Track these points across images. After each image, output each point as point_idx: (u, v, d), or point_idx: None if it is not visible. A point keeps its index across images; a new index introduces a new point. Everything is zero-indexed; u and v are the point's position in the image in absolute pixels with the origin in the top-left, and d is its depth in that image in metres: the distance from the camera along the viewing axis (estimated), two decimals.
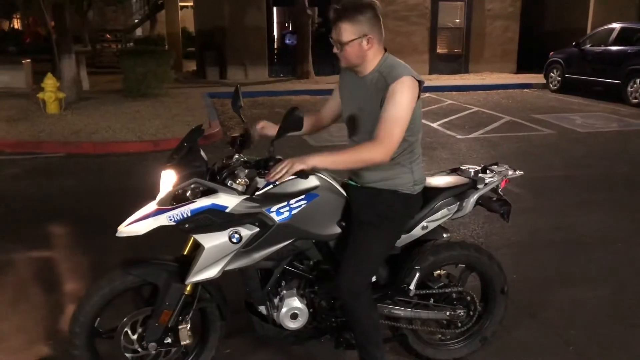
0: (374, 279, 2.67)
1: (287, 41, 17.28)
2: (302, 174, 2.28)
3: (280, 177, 2.25)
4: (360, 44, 2.38)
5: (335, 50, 2.47)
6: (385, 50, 2.50)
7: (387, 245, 2.57)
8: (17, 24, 37.38)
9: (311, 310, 2.68)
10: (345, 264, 2.48)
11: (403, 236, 2.65)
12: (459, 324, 2.89)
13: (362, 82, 2.48)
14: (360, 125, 2.52)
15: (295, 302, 2.61)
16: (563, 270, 4.12)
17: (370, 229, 2.47)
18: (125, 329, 2.55)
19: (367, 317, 2.52)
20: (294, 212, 2.47)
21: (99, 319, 2.52)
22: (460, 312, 2.84)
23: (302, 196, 2.48)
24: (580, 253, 4.45)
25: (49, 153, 7.51)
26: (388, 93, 2.33)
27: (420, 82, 2.41)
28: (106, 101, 11.23)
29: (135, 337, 2.56)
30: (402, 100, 2.32)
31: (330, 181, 2.56)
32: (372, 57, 2.43)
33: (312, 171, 2.41)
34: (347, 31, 2.36)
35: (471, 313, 2.89)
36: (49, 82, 9.68)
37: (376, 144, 2.32)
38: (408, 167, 2.52)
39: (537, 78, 15.35)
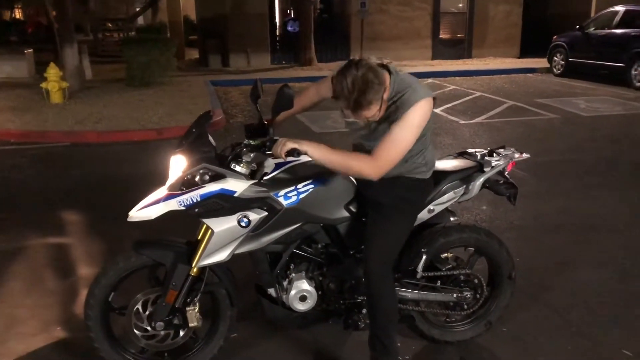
0: None
1: (289, 28, 17.22)
2: (294, 152, 2.27)
3: (280, 151, 2.26)
4: (381, 103, 2.28)
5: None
6: (386, 66, 2.38)
7: (408, 227, 2.61)
8: (18, 14, 37.25)
9: (320, 292, 2.73)
10: (369, 246, 2.52)
11: None
12: (465, 306, 2.92)
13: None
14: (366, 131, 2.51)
15: (304, 285, 2.65)
16: (566, 254, 4.15)
17: (391, 213, 2.49)
18: (137, 306, 2.62)
19: (392, 298, 2.57)
20: (301, 196, 2.50)
21: (113, 293, 2.60)
22: (467, 294, 2.88)
23: (310, 180, 2.51)
24: (583, 236, 4.47)
25: (54, 142, 7.55)
26: (400, 117, 2.30)
27: (433, 98, 2.38)
28: (109, 90, 11.24)
29: (145, 314, 2.62)
30: (412, 124, 2.30)
31: None
32: (387, 97, 2.34)
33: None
34: (370, 112, 2.26)
35: (478, 296, 2.92)
36: (52, 71, 9.69)
37: (372, 161, 2.30)
38: (421, 159, 2.52)
39: (541, 62, 15.29)
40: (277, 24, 17.94)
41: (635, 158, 6.74)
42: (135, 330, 2.65)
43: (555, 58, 14.45)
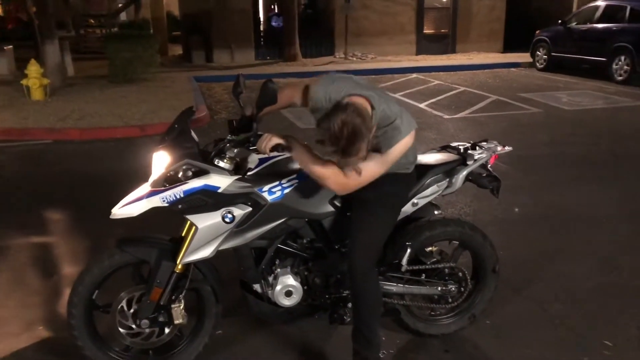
0: None
1: (273, 23, 17.15)
2: (279, 148, 2.27)
3: (264, 146, 2.25)
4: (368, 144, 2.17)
5: None
6: (371, 104, 2.28)
7: (391, 222, 2.61)
8: None
9: (305, 287, 2.73)
10: (353, 242, 2.52)
11: None
12: (450, 300, 2.94)
13: None
14: None
15: (289, 280, 2.65)
16: (549, 246, 4.19)
17: (374, 208, 2.50)
18: (121, 304, 2.60)
19: (376, 293, 2.58)
20: (286, 191, 2.49)
21: (97, 291, 2.58)
22: (451, 288, 2.90)
23: (294, 175, 2.51)
24: (566, 229, 4.52)
25: (36, 140, 7.45)
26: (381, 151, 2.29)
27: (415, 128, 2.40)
28: (92, 87, 11.12)
29: (130, 312, 2.60)
30: (390, 160, 2.33)
31: None
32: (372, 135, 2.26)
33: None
34: (358, 157, 2.14)
35: (462, 289, 2.94)
36: (33, 68, 9.55)
37: (343, 179, 2.27)
38: (403, 161, 2.50)
39: (524, 57, 15.39)
40: (261, 20, 17.86)
41: (616, 151, 6.82)
42: (119, 329, 2.63)
43: (538, 52, 14.56)
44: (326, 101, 2.35)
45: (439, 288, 2.89)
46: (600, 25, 12.65)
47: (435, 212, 2.88)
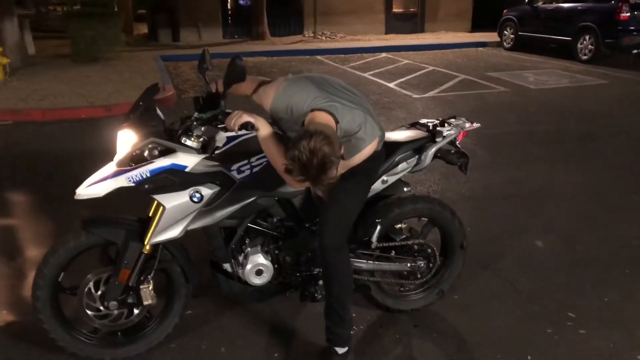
0: None
1: (241, 2, 16.86)
2: (248, 126, 2.23)
3: (233, 124, 2.21)
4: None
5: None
6: (335, 118, 2.25)
7: (361, 200, 2.61)
8: None
9: (276, 266, 2.72)
10: (323, 220, 2.51)
11: None
12: (419, 275, 2.98)
13: None
14: None
15: (259, 259, 2.64)
16: (515, 223, 4.27)
17: (344, 186, 2.48)
18: (89, 286, 2.56)
19: (347, 270, 2.58)
20: (255, 170, 2.47)
21: (63, 273, 2.53)
22: (420, 264, 2.93)
23: (263, 154, 2.48)
24: (532, 206, 4.61)
25: None
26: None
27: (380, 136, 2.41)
28: (54, 66, 10.80)
29: (97, 294, 2.57)
30: (350, 165, 2.35)
31: None
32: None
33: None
34: (329, 179, 2.10)
35: (431, 265, 2.98)
36: None
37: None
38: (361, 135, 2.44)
39: (492, 36, 15.51)
40: None
41: (581, 129, 6.96)
42: (87, 311, 2.59)
43: (505, 32, 14.69)
44: (287, 113, 2.35)
45: (409, 264, 2.92)
46: (565, 5, 12.82)
47: (405, 190, 2.89)
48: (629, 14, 11.36)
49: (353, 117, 2.30)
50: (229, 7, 17.00)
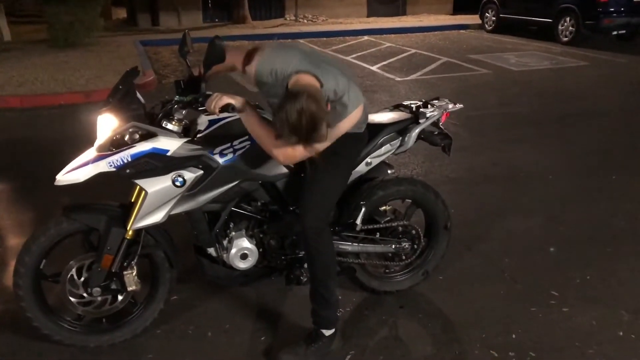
0: None
1: None
2: (229, 108, 2.21)
3: (214, 106, 2.19)
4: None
5: None
6: (318, 79, 2.24)
7: (343, 182, 2.60)
8: None
9: (261, 250, 2.71)
10: (305, 202, 2.49)
11: None
12: (404, 257, 2.99)
13: None
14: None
15: (244, 243, 2.63)
16: (498, 204, 4.30)
17: (326, 168, 2.46)
18: (71, 273, 2.53)
19: (329, 252, 2.58)
20: (237, 153, 2.45)
21: (44, 261, 2.50)
22: (405, 245, 2.94)
23: (246, 137, 2.46)
24: (514, 187, 4.65)
25: None
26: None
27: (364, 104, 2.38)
28: (31, 52, 10.58)
29: (80, 281, 2.54)
30: (336, 135, 2.32)
31: None
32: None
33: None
34: (321, 138, 2.13)
35: (415, 246, 2.99)
36: None
37: (289, 149, 2.21)
38: (345, 100, 2.46)
39: (473, 19, 15.50)
40: None
41: (561, 110, 7.01)
42: (70, 298, 2.56)
43: (486, 14, 14.68)
44: (271, 77, 2.31)
45: (393, 246, 2.93)
46: None
47: (389, 172, 2.89)
48: None
49: (337, 82, 2.28)
50: None
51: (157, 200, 2.36)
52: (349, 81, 2.35)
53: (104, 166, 2.29)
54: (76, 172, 2.30)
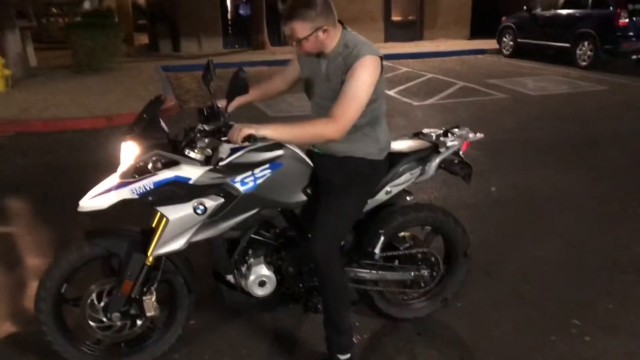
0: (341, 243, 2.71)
1: (240, 11, 16.96)
2: (250, 139, 2.23)
3: (236, 137, 2.23)
4: (316, 37, 2.34)
5: (290, 44, 2.43)
6: (342, 24, 2.46)
7: (357, 209, 2.61)
8: None
9: (279, 277, 2.72)
10: (317, 227, 2.50)
11: (368, 201, 2.68)
12: (423, 284, 2.98)
13: (323, 62, 2.48)
14: (321, 93, 2.53)
15: (262, 270, 2.64)
16: (518, 229, 4.27)
17: (341, 193, 2.49)
18: (91, 298, 2.56)
19: (339, 279, 2.57)
20: (258, 181, 2.47)
21: (65, 285, 2.52)
22: (424, 272, 2.92)
23: (267, 165, 2.48)
24: (534, 212, 4.61)
25: None
26: (348, 73, 2.32)
27: (381, 58, 2.40)
28: (55, 77, 10.85)
29: (100, 306, 2.56)
30: (361, 79, 2.31)
31: (294, 149, 2.56)
32: (329, 42, 2.41)
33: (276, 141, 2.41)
34: (300, 28, 2.31)
35: (434, 273, 2.97)
36: None
37: (330, 121, 2.30)
38: (373, 136, 2.54)
39: (491, 43, 15.56)
40: (229, 8, 17.63)
41: (581, 135, 6.97)
42: (90, 322, 2.58)
43: (504, 39, 14.74)
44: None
45: (412, 273, 2.92)
46: (564, 12, 12.86)
47: (408, 198, 2.89)
48: (627, 20, 11.40)
49: (359, 37, 2.45)
50: (229, 17, 17.10)
51: (178, 228, 2.39)
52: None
53: (127, 193, 2.32)
54: (99, 198, 2.33)
